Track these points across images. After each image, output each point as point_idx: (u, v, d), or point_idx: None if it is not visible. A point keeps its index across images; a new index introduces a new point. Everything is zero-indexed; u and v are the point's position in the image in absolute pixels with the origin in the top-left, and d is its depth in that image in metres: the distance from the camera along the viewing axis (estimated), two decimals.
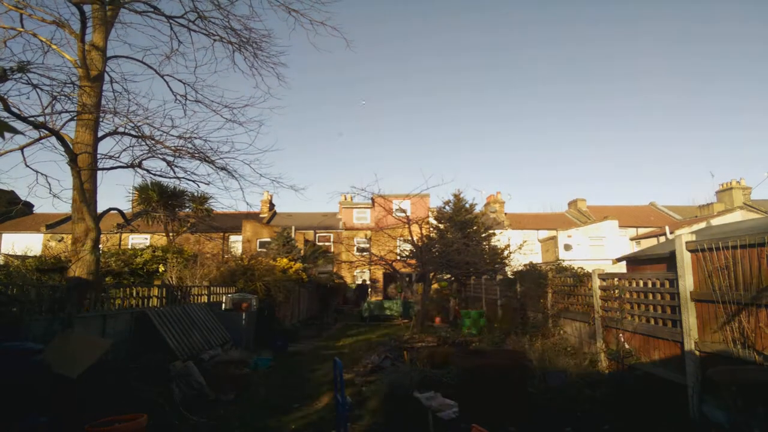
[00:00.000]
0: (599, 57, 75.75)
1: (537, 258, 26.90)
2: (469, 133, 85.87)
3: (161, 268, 10.50)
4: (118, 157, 8.18)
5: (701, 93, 76.96)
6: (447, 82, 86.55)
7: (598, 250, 25.60)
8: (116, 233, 26.58)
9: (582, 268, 9.00)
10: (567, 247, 25.83)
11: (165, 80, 9.17)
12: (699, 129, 79.68)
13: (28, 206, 29.70)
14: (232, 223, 28.38)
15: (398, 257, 16.47)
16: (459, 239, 14.03)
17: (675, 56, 74.62)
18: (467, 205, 20.02)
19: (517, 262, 16.02)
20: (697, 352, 4.72)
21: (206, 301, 10.30)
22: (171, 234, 14.69)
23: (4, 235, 28.29)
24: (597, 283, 7.29)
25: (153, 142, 8.01)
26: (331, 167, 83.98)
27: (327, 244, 29.46)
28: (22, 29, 7.63)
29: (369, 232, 28.67)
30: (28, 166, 7.54)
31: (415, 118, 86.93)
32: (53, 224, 29.64)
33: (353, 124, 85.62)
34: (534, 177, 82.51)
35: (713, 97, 77.64)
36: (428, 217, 22.53)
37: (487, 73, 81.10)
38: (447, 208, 20.19)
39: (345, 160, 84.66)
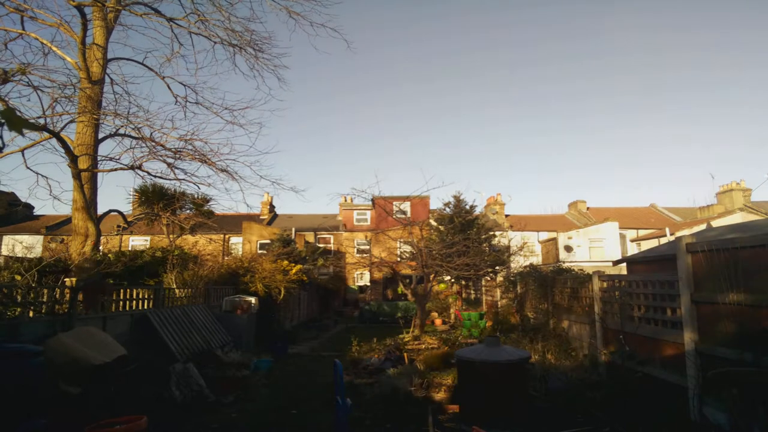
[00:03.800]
0: (600, 57, 75.85)
1: (537, 260, 26.87)
2: (469, 135, 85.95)
3: (162, 270, 10.48)
4: (119, 158, 8.20)
5: (702, 94, 77.01)
6: (447, 83, 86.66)
7: (599, 252, 25.57)
8: (116, 235, 26.57)
9: (582, 269, 9.00)
10: (567, 249, 25.79)
11: (165, 82, 9.21)
12: (699, 130, 79.74)
13: (28, 208, 29.75)
14: (233, 224, 28.40)
15: (398, 259, 16.46)
16: (459, 241, 14.02)
17: (675, 57, 74.71)
18: (467, 207, 20.01)
19: (517, 263, 16.02)
20: (697, 354, 4.71)
21: (206, 302, 10.29)
22: (171, 236, 14.68)
23: (4, 237, 28.29)
24: (597, 284, 7.28)
25: (153, 143, 8.03)
26: (332, 169, 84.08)
27: (327, 245, 29.45)
28: (23, 31, 7.65)
29: (369, 234, 28.66)
30: (28, 167, 7.57)
31: (416, 119, 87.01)
32: (53, 226, 29.65)
33: (354, 125, 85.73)
34: (534, 178, 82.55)
35: (713, 98, 77.70)
36: (428, 218, 22.52)
37: (488, 74, 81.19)
38: (447, 209, 20.18)
39: (346, 162, 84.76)
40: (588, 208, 34.65)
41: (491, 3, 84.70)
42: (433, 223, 20.46)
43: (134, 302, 7.44)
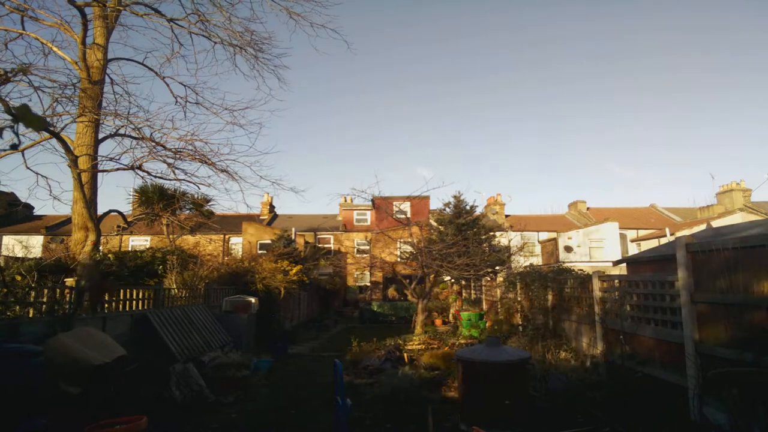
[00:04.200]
0: (599, 58, 75.87)
1: (537, 260, 26.87)
2: (470, 135, 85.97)
3: (162, 271, 10.48)
4: (119, 159, 8.20)
5: (701, 94, 77.04)
6: (448, 84, 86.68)
7: (599, 252, 25.55)
8: (117, 235, 26.55)
9: (582, 270, 9.00)
10: (567, 249, 25.78)
11: (165, 82, 9.22)
12: (699, 130, 79.76)
13: (28, 208, 29.74)
14: (233, 224, 28.39)
15: (398, 259, 16.47)
16: (459, 241, 14.02)
17: (675, 57, 74.72)
18: (468, 207, 20.01)
19: (517, 263, 16.03)
20: (697, 354, 4.70)
21: (206, 302, 10.29)
22: (171, 236, 14.66)
23: (5, 237, 28.29)
24: (597, 285, 7.28)
25: (153, 144, 8.03)
26: (332, 169, 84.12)
27: (327, 245, 29.45)
28: (23, 31, 7.66)
29: (369, 234, 28.65)
30: (28, 168, 7.58)
31: (416, 120, 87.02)
32: (54, 226, 29.65)
33: (354, 125, 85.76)
34: (534, 179, 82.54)
35: (713, 98, 77.72)
36: (428, 218, 22.52)
37: (488, 74, 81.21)
38: (447, 210, 20.19)
39: (346, 163, 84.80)
40: (588, 209, 34.65)
41: (492, 4, 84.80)
42: (433, 223, 20.46)
43: (134, 302, 7.44)
